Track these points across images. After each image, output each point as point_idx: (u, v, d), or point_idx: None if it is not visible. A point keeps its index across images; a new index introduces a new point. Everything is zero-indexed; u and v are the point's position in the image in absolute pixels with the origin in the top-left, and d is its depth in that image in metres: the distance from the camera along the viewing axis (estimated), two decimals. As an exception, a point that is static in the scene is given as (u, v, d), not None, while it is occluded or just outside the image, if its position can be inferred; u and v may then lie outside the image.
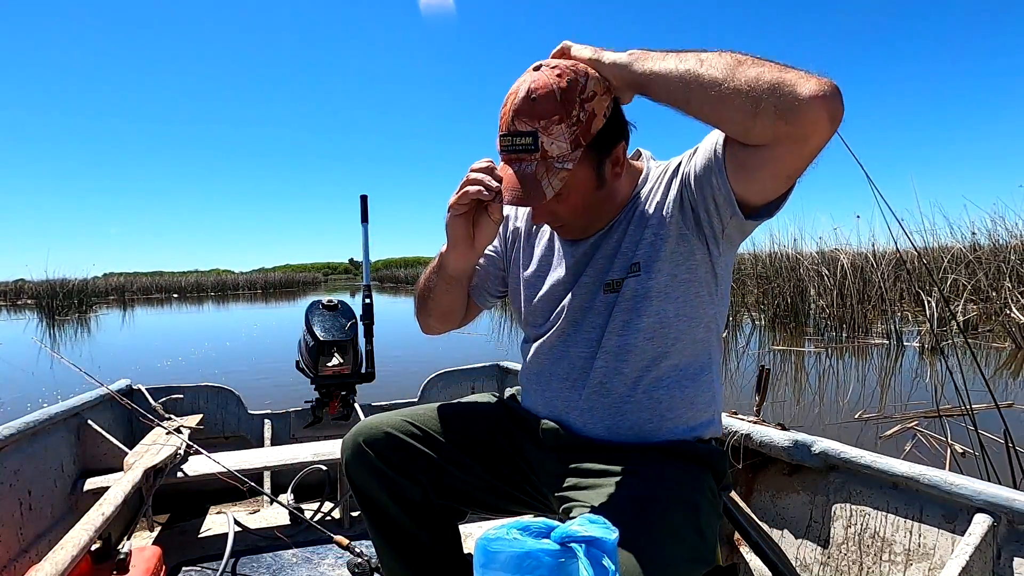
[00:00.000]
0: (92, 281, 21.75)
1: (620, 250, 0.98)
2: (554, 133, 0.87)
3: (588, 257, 1.01)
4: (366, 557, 1.54)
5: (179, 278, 35.55)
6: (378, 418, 1.08)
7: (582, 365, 1.00)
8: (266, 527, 1.93)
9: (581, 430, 1.01)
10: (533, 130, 0.87)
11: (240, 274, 41.49)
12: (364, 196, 2.34)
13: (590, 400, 0.99)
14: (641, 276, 0.95)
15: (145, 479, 1.67)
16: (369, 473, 1.03)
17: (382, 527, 1.06)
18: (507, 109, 0.90)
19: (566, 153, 0.88)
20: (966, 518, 1.05)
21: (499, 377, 2.64)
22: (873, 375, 4.85)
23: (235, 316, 15.60)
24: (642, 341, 0.96)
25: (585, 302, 1.00)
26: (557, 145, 0.87)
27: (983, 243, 7.84)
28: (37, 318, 15.30)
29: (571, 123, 0.87)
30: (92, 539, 1.27)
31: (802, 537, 1.36)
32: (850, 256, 7.78)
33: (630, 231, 0.98)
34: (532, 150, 0.88)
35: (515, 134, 0.89)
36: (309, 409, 2.24)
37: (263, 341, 9.06)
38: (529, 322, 1.11)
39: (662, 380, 0.97)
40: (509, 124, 0.89)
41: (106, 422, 2.03)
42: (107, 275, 36.52)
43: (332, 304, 2.25)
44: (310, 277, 48.17)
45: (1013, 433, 1.84)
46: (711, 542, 0.91)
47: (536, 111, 0.87)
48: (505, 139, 0.90)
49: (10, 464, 1.55)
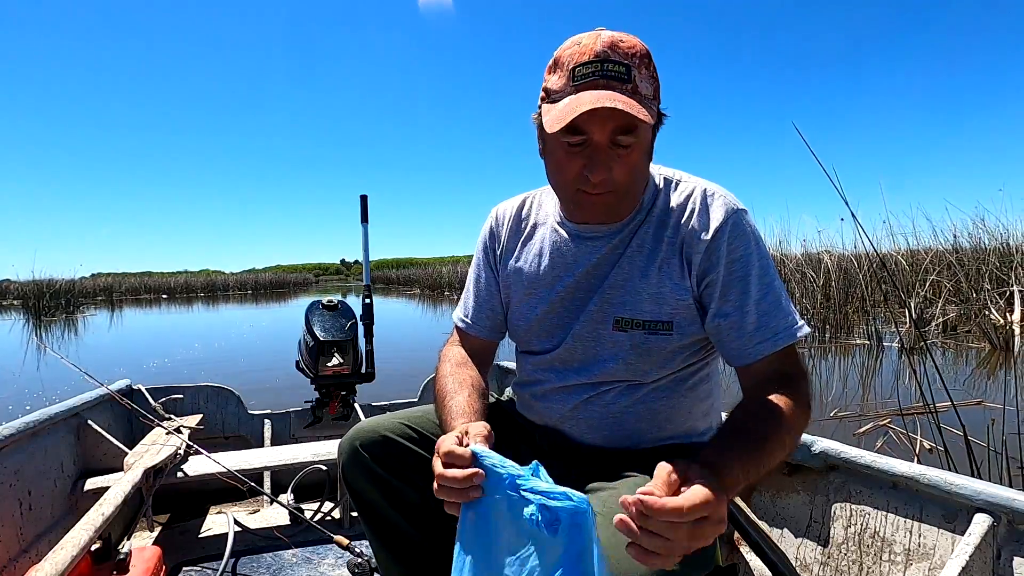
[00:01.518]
0: (79, 281, 21.56)
1: (631, 284, 0.96)
2: (643, 74, 0.85)
3: (595, 278, 0.99)
4: (366, 557, 1.54)
5: (168, 278, 35.23)
6: (375, 421, 1.07)
7: (581, 384, 1.00)
8: (266, 527, 1.92)
9: (579, 439, 1.02)
10: (627, 63, 0.84)
11: (230, 275, 41.26)
12: (364, 196, 2.34)
13: (588, 411, 1.00)
14: (673, 336, 0.94)
15: (145, 479, 1.67)
16: (366, 477, 1.02)
17: (379, 530, 1.05)
18: (590, 44, 0.85)
19: (651, 96, 0.86)
20: (966, 518, 1.05)
21: (499, 377, 2.65)
22: (855, 375, 4.92)
23: (224, 317, 15.50)
24: (646, 367, 0.96)
25: (590, 334, 0.98)
26: (645, 85, 0.85)
27: (965, 245, 7.99)
28: (23, 319, 15.12)
29: (652, 74, 0.86)
30: (92, 539, 1.27)
31: (802, 537, 1.37)
32: (835, 258, 7.92)
33: (639, 261, 0.96)
34: (625, 79, 0.83)
35: (608, 60, 0.83)
36: (309, 409, 2.25)
37: (254, 342, 9.01)
38: (526, 340, 1.09)
39: (660, 391, 0.98)
40: (599, 52, 0.84)
41: (106, 422, 2.02)
42: (95, 275, 36.20)
43: (332, 304, 2.26)
44: (301, 278, 47.87)
45: (988, 428, 2.10)
46: (710, 543, 0.92)
47: (627, 49, 0.85)
48: (592, 65, 0.83)
49: (10, 464, 1.54)
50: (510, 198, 1.16)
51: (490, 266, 1.14)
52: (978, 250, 7.72)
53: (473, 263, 1.17)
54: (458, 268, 21.98)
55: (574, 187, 0.90)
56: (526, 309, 1.06)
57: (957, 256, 7.77)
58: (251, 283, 35.89)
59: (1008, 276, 6.40)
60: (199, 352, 7.74)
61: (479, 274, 1.15)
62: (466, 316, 1.15)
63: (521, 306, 1.07)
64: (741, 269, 0.90)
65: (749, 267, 0.90)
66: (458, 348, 1.13)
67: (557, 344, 1.02)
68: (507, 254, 1.11)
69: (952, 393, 1.92)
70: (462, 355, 1.11)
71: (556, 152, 0.91)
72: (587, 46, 0.85)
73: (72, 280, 19.68)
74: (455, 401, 0.96)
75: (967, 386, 3.97)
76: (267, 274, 44.74)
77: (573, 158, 0.88)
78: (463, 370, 1.06)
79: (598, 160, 0.86)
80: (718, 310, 0.91)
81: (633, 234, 0.96)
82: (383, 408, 2.50)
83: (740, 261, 0.90)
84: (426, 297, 20.10)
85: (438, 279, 22.65)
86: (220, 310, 18.24)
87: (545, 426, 1.06)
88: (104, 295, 27.27)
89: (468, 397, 0.97)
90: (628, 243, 0.97)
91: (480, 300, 1.14)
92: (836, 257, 8.01)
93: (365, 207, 2.32)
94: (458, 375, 1.03)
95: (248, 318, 14.35)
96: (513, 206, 1.13)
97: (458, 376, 1.03)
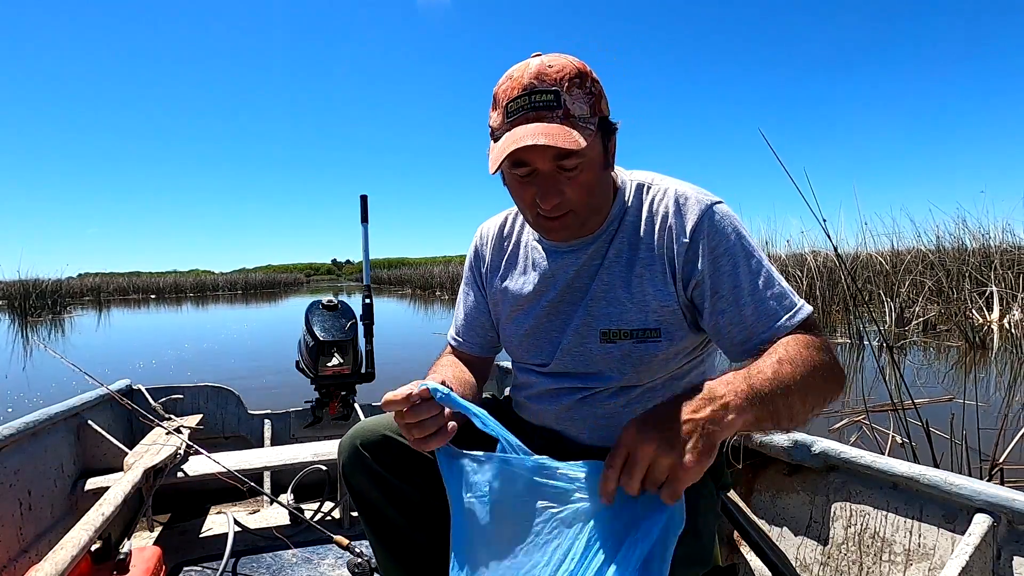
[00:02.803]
0: (67, 281, 21.29)
1: (613, 294, 0.96)
2: (575, 95, 0.85)
3: (577, 291, 1.00)
4: (366, 557, 1.54)
5: (157, 279, 34.87)
6: (375, 420, 1.07)
7: (576, 391, 1.01)
8: (266, 527, 1.92)
9: (576, 438, 1.03)
10: (554, 88, 0.84)
11: (220, 275, 40.93)
12: (364, 196, 2.34)
13: (581, 411, 1.01)
14: (662, 342, 0.94)
15: (145, 479, 1.66)
16: (366, 476, 1.02)
17: (379, 530, 1.05)
18: (519, 76, 0.86)
19: (587, 115, 0.86)
20: (966, 518, 1.06)
21: (498, 377, 2.65)
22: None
23: (213, 317, 15.39)
24: (639, 374, 0.97)
25: (578, 348, 0.99)
26: (578, 106, 0.85)
27: (948, 246, 8.14)
28: (8, 319, 14.95)
29: (586, 91, 0.86)
30: (92, 539, 1.27)
31: (802, 537, 1.37)
32: (820, 258, 8.08)
33: (618, 270, 0.96)
34: (554, 106, 0.84)
35: (535, 91, 0.84)
36: (309, 409, 2.25)
37: (243, 342, 8.92)
38: (518, 355, 1.10)
39: (655, 391, 0.99)
40: (526, 85, 0.85)
41: (106, 422, 2.02)
42: (82, 275, 35.82)
43: (332, 304, 2.25)
44: (292, 278, 47.37)
45: (949, 422, 2.26)
46: (708, 542, 0.92)
47: (555, 75, 0.85)
48: (521, 99, 0.85)
49: (10, 464, 1.53)
50: (494, 215, 1.18)
51: (477, 284, 1.17)
52: (960, 251, 7.88)
53: (463, 282, 1.21)
54: (450, 268, 21.97)
55: (533, 213, 0.93)
56: (514, 326, 1.08)
57: (939, 256, 7.94)
58: (241, 283, 35.64)
59: (988, 276, 6.52)
60: (188, 352, 7.69)
61: (468, 293, 1.18)
62: (457, 335, 1.19)
63: (509, 323, 1.09)
64: (728, 263, 0.89)
65: (735, 259, 0.89)
66: (451, 357, 1.17)
67: (548, 360, 1.03)
68: (492, 272, 1.13)
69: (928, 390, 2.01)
70: (452, 358, 1.16)
71: (511, 183, 0.94)
72: (517, 80, 0.86)
73: (59, 280, 19.41)
74: (437, 368, 1.08)
75: (946, 382, 4.07)
76: (257, 274, 44.37)
77: (526, 187, 0.90)
78: (454, 360, 1.14)
79: (547, 187, 0.88)
80: (713, 308, 0.90)
81: (609, 243, 0.97)
82: (383, 408, 2.49)
83: (725, 255, 0.90)
84: (418, 297, 20.07)
85: (429, 279, 22.63)
86: (209, 310, 18.11)
87: (541, 426, 1.07)
88: (91, 295, 27.00)
89: (453, 369, 1.07)
90: (605, 253, 0.97)
91: (470, 319, 1.17)
92: (821, 257, 8.17)
93: (365, 207, 2.32)
94: (447, 360, 1.14)
95: (237, 318, 14.25)
96: (496, 224, 1.15)
97: (447, 360, 1.14)
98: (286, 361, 2.59)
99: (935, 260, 7.83)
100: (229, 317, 14.90)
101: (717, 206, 0.92)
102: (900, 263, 8.08)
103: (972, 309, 6.16)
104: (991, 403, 3.32)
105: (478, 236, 1.17)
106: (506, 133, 0.86)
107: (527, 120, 0.84)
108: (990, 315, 6.07)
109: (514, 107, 0.86)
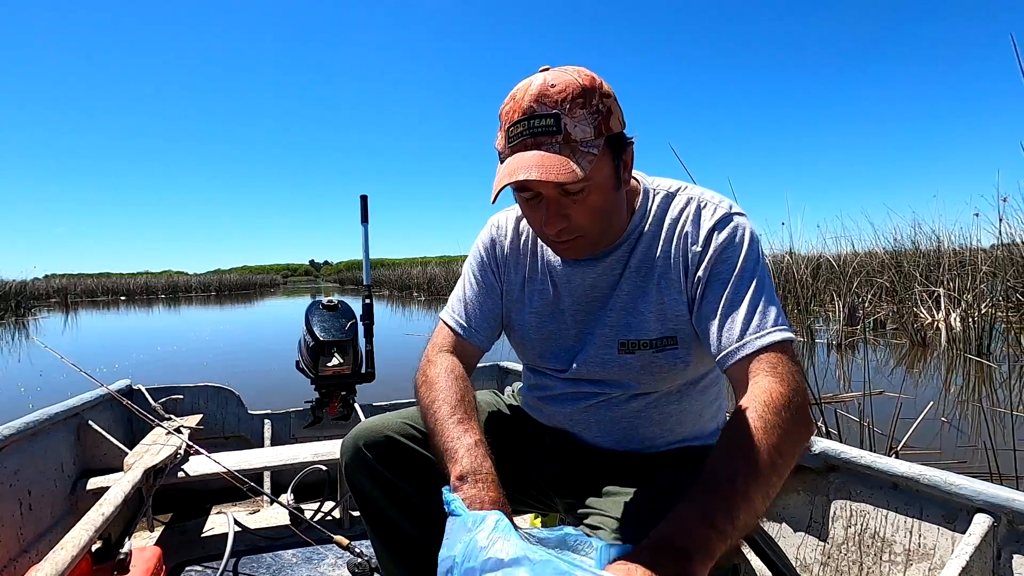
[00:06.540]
0: (32, 283, 20.67)
1: (633, 305, 0.95)
2: (577, 116, 0.82)
3: (596, 301, 0.99)
4: (366, 557, 1.54)
5: (128, 280, 34.14)
6: (378, 420, 1.06)
7: (593, 396, 1.01)
8: (266, 527, 1.92)
9: (590, 442, 1.02)
10: (555, 112, 0.81)
11: (193, 275, 40.19)
12: (364, 196, 2.33)
13: (597, 414, 1.01)
14: (679, 350, 0.93)
15: (145, 479, 1.66)
16: (369, 477, 1.02)
17: (382, 531, 1.05)
18: (521, 98, 0.84)
19: (590, 138, 0.82)
20: (966, 518, 1.06)
21: (499, 377, 2.66)
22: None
23: (185, 319, 15.06)
24: (657, 381, 0.97)
25: (597, 359, 0.98)
26: (581, 129, 0.82)
27: (907, 248, 8.57)
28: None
29: (592, 111, 0.83)
30: (92, 539, 1.27)
31: (802, 537, 1.38)
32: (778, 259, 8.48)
33: (638, 281, 0.95)
34: (554, 131, 0.81)
35: (534, 116, 0.82)
36: (309, 409, 2.24)
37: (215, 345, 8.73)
38: (532, 359, 1.08)
39: (671, 396, 0.99)
40: (526, 109, 0.83)
41: (106, 422, 2.02)
42: (48, 276, 34.86)
43: (332, 304, 2.25)
44: (268, 279, 46.34)
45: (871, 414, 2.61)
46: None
47: (557, 96, 0.82)
48: (521, 124, 0.83)
49: (10, 464, 1.53)
50: (505, 209, 1.14)
51: (493, 273, 1.10)
52: (915, 253, 8.21)
53: (471, 266, 1.12)
54: (427, 270, 21.88)
55: (544, 235, 0.93)
56: (530, 330, 1.05)
57: (893, 258, 8.30)
58: (215, 284, 35.09)
59: (937, 278, 6.80)
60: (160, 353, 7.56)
61: (480, 278, 1.09)
62: (464, 320, 1.07)
63: (525, 326, 1.06)
64: (726, 271, 0.88)
65: (733, 269, 0.87)
66: (453, 358, 1.03)
67: (566, 367, 1.02)
68: (507, 267, 1.09)
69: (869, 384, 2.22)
70: (459, 368, 1.01)
71: (520, 205, 0.93)
72: (518, 102, 0.84)
73: (23, 281, 18.67)
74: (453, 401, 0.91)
75: (892, 378, 4.28)
76: (232, 275, 43.60)
77: (534, 210, 0.90)
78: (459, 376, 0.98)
79: (551, 213, 0.87)
80: (699, 310, 0.89)
81: (629, 254, 0.96)
82: (383, 408, 2.50)
83: (726, 263, 0.88)
84: (394, 298, 19.89)
85: (407, 280, 22.50)
86: (181, 312, 17.73)
87: (555, 428, 1.06)
88: (58, 297, 25.91)
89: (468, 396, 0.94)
90: (626, 263, 0.96)
91: (484, 307, 1.08)
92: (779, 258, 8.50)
93: (365, 207, 2.31)
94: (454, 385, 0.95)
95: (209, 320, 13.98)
96: (512, 218, 1.10)
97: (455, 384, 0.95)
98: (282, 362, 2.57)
99: (887, 261, 8.24)
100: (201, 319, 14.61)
101: (735, 217, 0.91)
102: (849, 265, 8.50)
103: (922, 309, 6.46)
104: (918, 397, 3.49)
105: (494, 227, 1.11)
106: (508, 159, 0.84)
107: (525, 147, 0.83)
108: (938, 315, 6.33)
109: (514, 132, 0.84)
